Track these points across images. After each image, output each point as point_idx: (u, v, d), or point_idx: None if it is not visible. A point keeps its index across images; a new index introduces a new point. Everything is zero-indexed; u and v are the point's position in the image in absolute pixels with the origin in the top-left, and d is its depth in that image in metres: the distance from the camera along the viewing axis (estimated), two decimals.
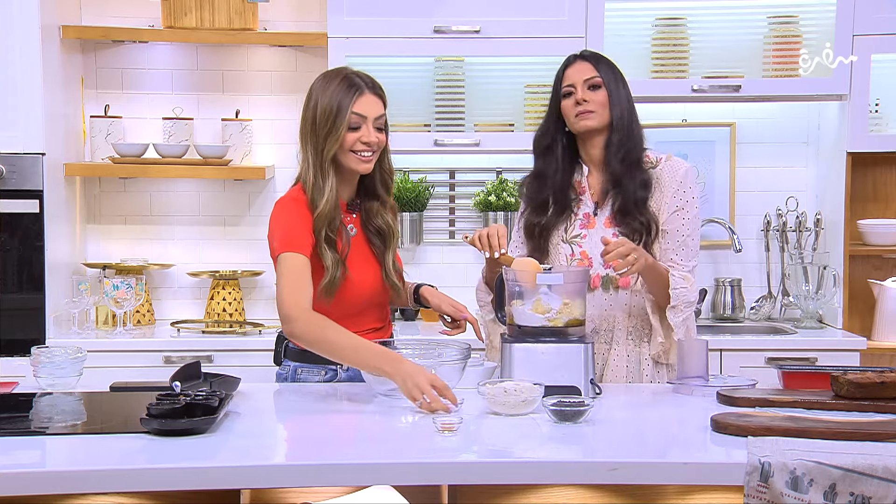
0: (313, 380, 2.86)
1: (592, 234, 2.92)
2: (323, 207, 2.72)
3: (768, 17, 4.28)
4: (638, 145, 2.91)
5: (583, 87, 2.88)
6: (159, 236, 4.47)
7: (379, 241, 2.89)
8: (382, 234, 2.90)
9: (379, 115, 2.78)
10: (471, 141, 4.21)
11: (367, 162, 2.77)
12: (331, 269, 2.73)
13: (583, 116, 2.88)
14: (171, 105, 4.37)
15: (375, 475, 2.10)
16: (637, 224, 2.86)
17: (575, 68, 2.92)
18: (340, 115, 2.72)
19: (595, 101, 2.88)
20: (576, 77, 2.90)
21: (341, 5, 4.11)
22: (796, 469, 2.03)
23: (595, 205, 2.94)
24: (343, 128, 2.72)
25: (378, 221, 2.88)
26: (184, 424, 2.24)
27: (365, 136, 2.74)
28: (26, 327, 3.91)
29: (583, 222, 2.94)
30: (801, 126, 4.49)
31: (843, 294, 4.23)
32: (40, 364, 2.71)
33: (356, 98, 2.74)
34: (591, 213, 2.94)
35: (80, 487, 2.03)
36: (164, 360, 3.89)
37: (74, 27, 4.17)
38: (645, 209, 2.86)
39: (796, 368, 2.82)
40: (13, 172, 3.89)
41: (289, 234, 2.72)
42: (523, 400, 2.42)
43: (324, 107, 2.74)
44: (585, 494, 2.15)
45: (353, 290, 2.80)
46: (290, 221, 2.74)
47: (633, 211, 2.86)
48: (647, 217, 2.86)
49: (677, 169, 2.91)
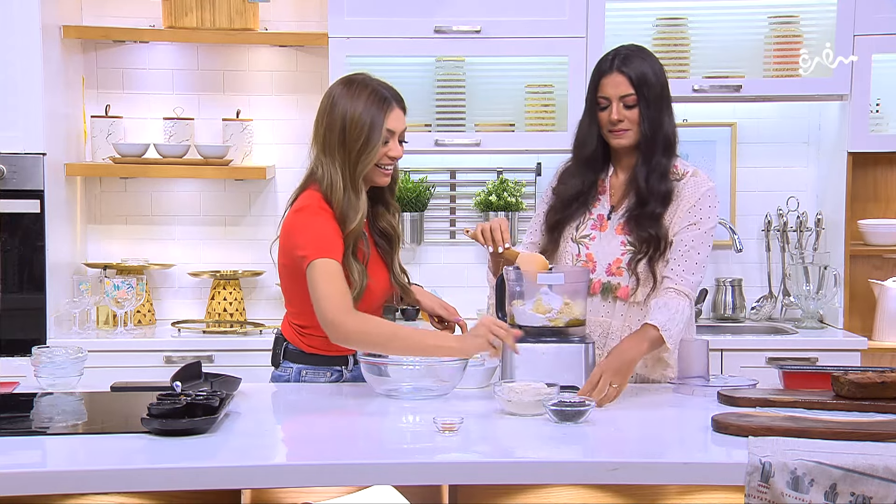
0: (319, 381, 2.85)
1: (602, 237, 2.86)
2: (357, 224, 2.70)
3: (769, 17, 4.28)
4: (665, 161, 2.81)
5: (618, 104, 2.77)
6: (160, 236, 4.47)
7: (385, 244, 2.89)
8: (388, 237, 2.89)
9: (404, 129, 2.79)
10: (471, 141, 4.21)
11: (388, 175, 2.79)
12: (357, 280, 2.70)
13: (616, 135, 2.81)
14: (172, 105, 4.37)
15: (376, 475, 2.10)
16: (646, 235, 2.78)
17: (611, 81, 2.78)
18: (375, 132, 2.69)
19: (629, 120, 2.78)
20: (611, 91, 2.78)
21: (342, 5, 4.11)
22: (797, 469, 2.03)
23: (611, 208, 2.88)
24: (378, 145, 2.70)
25: (383, 224, 2.88)
26: (184, 424, 2.24)
27: (393, 151, 2.75)
28: (27, 327, 3.91)
29: (595, 223, 2.88)
30: (801, 126, 4.49)
31: (843, 294, 4.23)
32: (41, 364, 2.71)
33: (388, 113, 2.72)
34: (605, 216, 2.88)
35: (81, 487, 2.03)
36: (164, 360, 3.89)
37: (75, 27, 4.17)
38: (658, 223, 2.79)
39: (797, 368, 2.82)
40: (14, 172, 3.89)
41: (321, 240, 2.66)
42: (538, 399, 2.41)
43: (355, 120, 2.69)
44: (586, 494, 2.15)
45: (369, 294, 2.78)
46: (321, 229, 2.68)
47: (646, 223, 2.79)
48: (657, 231, 2.78)
49: (699, 187, 2.82)
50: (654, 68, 2.81)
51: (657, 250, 2.78)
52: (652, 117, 2.77)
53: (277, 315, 4.41)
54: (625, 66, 2.78)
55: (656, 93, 2.78)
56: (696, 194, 2.81)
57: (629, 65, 2.78)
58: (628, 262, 2.79)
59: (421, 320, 4.38)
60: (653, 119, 2.78)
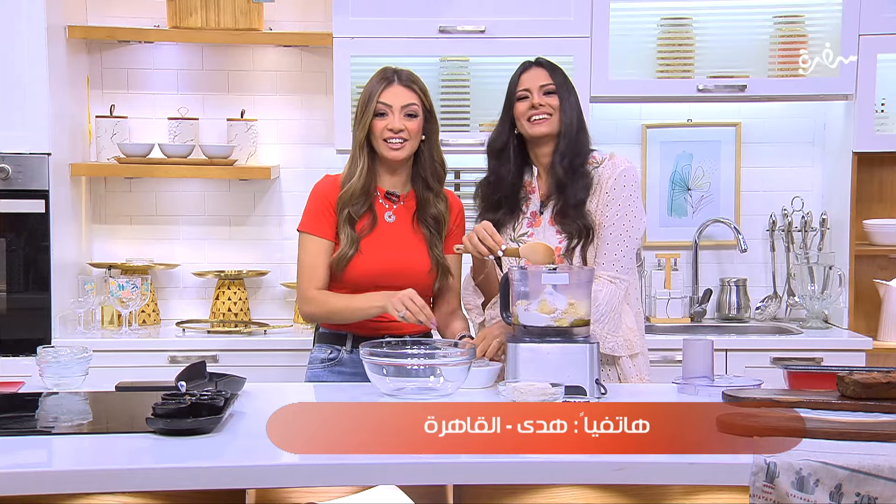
0: (319, 356, 3.05)
1: (539, 231, 2.99)
2: (349, 187, 2.94)
3: (774, 16, 4.28)
4: (582, 152, 2.98)
5: (538, 92, 2.97)
6: (165, 236, 4.47)
7: (433, 230, 3.02)
8: (438, 222, 3.03)
9: (406, 103, 2.95)
10: (476, 141, 4.21)
11: (396, 149, 2.94)
12: (344, 246, 2.92)
13: (537, 122, 2.96)
14: (177, 105, 4.37)
15: (381, 475, 2.10)
16: (574, 227, 2.93)
17: (531, 74, 3.00)
18: (370, 103, 2.94)
19: (550, 105, 2.96)
20: (531, 83, 2.98)
21: (346, 5, 4.11)
22: (802, 469, 2.03)
23: (541, 203, 3.01)
24: (369, 115, 2.93)
25: (433, 211, 3.01)
26: (189, 424, 2.24)
27: (391, 123, 2.92)
28: (32, 327, 3.92)
29: (529, 220, 3.02)
30: (806, 126, 4.49)
31: (848, 294, 4.23)
32: (46, 364, 2.71)
33: (384, 88, 2.95)
34: (537, 212, 3.02)
35: (86, 487, 2.03)
36: (169, 360, 3.89)
37: (80, 27, 4.18)
38: (583, 213, 2.93)
39: (802, 368, 2.81)
40: (19, 172, 3.89)
41: (312, 214, 2.98)
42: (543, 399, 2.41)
43: (361, 97, 2.99)
44: (591, 494, 2.15)
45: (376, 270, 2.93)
46: (316, 201, 2.99)
47: (572, 214, 2.93)
48: (584, 221, 2.92)
49: (616, 167, 2.96)
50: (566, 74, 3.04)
51: (586, 239, 2.92)
52: (572, 102, 2.98)
53: (282, 315, 4.45)
54: (543, 62, 3.04)
55: (570, 85, 3.01)
56: (614, 174, 2.95)
57: (545, 63, 3.03)
58: (564, 252, 2.93)
59: None
60: (573, 104, 2.98)
